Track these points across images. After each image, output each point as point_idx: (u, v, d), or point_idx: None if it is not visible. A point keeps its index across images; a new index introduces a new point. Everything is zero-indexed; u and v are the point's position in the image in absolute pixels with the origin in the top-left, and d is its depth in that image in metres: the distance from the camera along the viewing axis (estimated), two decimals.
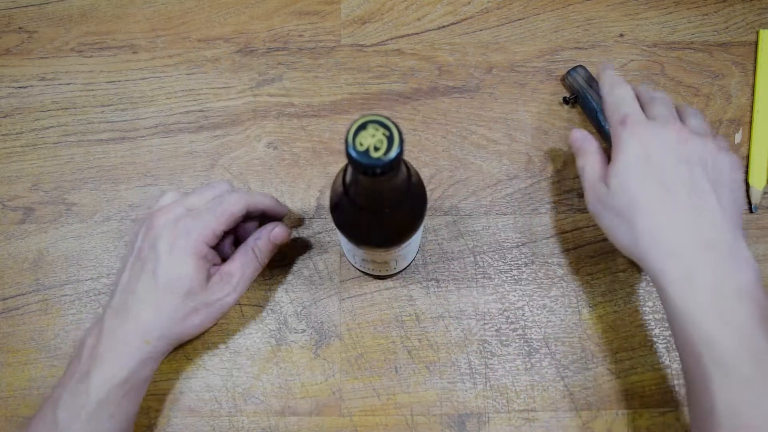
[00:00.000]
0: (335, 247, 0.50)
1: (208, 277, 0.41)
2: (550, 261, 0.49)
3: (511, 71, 0.54)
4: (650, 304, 0.48)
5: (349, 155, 0.28)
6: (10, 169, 0.52)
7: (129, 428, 0.42)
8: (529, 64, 0.54)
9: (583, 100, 0.51)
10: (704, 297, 0.36)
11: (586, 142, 0.45)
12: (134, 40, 0.55)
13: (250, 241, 0.44)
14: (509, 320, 0.48)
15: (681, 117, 0.44)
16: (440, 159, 0.52)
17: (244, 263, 0.43)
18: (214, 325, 0.46)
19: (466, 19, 0.55)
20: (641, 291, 0.49)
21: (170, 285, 0.40)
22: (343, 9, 0.55)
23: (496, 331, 0.48)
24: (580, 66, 0.52)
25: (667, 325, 0.47)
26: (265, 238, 0.44)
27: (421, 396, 0.47)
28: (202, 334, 0.47)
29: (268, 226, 0.45)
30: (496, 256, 0.50)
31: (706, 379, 0.35)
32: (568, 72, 0.52)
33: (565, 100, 0.52)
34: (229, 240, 0.45)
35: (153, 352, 0.41)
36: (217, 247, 0.43)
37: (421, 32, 0.55)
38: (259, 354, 0.48)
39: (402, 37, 0.55)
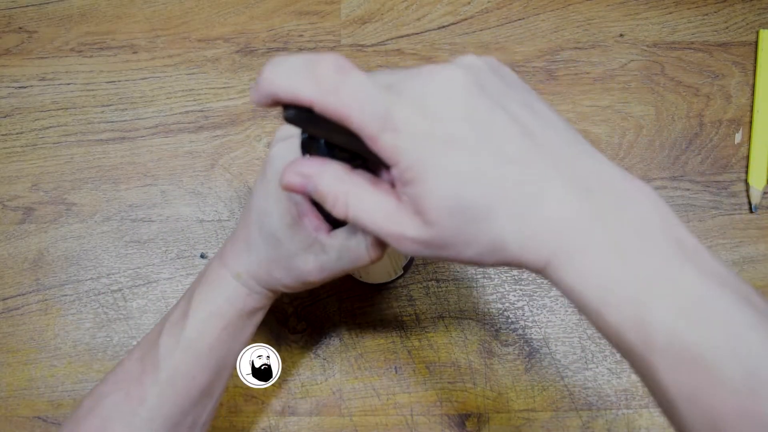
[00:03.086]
0: None
1: (298, 229, 0.33)
2: None
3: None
4: None
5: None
6: (10, 169, 0.52)
7: (230, 366, 0.39)
8: (529, 64, 0.54)
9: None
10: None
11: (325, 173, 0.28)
12: (134, 40, 0.55)
13: None
14: (509, 320, 0.48)
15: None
16: None
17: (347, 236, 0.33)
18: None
19: (466, 19, 0.55)
20: None
21: (258, 219, 0.34)
22: (343, 9, 0.55)
23: (496, 331, 0.48)
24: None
25: None
26: None
27: (421, 396, 0.47)
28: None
29: None
30: None
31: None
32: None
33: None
34: None
35: (246, 287, 0.37)
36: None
37: (422, 32, 0.55)
38: None
39: (402, 37, 0.55)
